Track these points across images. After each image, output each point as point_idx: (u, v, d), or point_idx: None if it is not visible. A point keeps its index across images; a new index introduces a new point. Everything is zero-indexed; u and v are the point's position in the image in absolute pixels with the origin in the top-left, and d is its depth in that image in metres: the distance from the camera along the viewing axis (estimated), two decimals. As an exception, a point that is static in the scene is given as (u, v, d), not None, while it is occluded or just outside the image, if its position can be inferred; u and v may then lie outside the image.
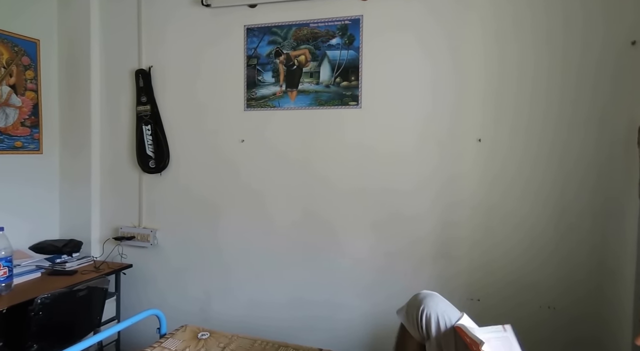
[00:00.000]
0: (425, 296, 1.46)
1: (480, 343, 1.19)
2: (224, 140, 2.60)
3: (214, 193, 2.63)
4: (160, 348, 1.90)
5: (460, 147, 2.19)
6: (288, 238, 2.50)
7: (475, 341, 1.22)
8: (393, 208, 2.31)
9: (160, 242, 2.75)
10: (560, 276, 2.07)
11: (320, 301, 2.44)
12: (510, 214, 2.13)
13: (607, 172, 1.99)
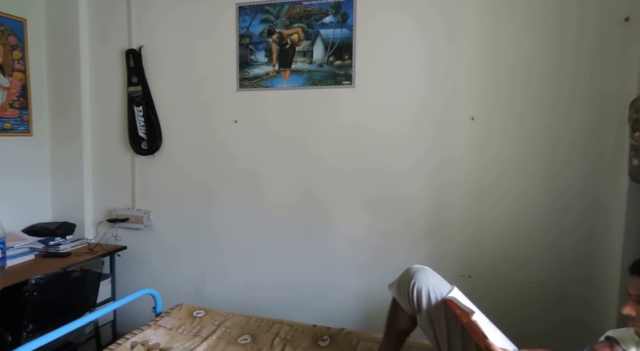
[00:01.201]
0: (417, 271, 1.48)
1: (470, 313, 1.21)
2: (217, 121, 2.58)
3: (207, 175, 2.63)
4: (155, 326, 1.92)
5: (454, 126, 2.19)
6: (283, 218, 2.51)
7: (466, 311, 1.24)
8: (387, 188, 2.31)
9: (154, 224, 2.75)
10: (553, 255, 2.10)
11: (315, 281, 2.47)
12: (504, 193, 2.14)
13: (599, 150, 2.00)
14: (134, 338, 1.80)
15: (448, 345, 1.42)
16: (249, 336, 1.88)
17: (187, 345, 1.79)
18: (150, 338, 1.82)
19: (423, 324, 1.46)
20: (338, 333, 1.90)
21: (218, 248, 2.64)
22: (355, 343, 1.83)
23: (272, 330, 1.93)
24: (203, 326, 1.96)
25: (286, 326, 1.97)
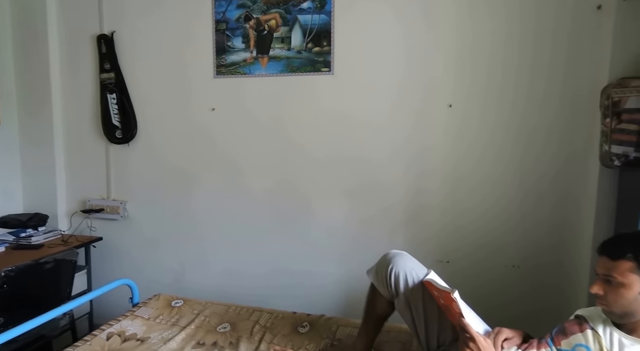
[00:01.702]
0: (394, 256, 1.49)
1: (451, 291, 1.22)
2: (194, 108, 2.53)
3: (185, 164, 2.58)
4: (132, 317, 1.89)
5: (432, 113, 2.20)
6: (262, 206, 2.49)
7: (445, 291, 1.25)
8: (366, 176, 2.32)
9: (131, 214, 2.70)
10: (528, 241, 2.14)
11: (296, 269, 2.47)
12: (481, 181, 2.17)
13: (572, 137, 2.03)
14: (110, 329, 1.77)
15: (425, 328, 1.45)
16: (228, 325, 1.87)
17: (165, 334, 1.77)
18: (127, 328, 1.79)
19: (401, 308, 1.48)
20: (318, 320, 1.91)
21: (197, 238, 2.61)
22: (335, 328, 1.84)
23: (251, 318, 1.93)
24: (182, 315, 1.94)
25: (266, 314, 1.97)
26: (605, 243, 1.17)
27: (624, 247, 1.11)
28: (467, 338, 1.18)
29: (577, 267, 2.00)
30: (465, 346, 1.18)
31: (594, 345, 1.16)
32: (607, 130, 1.71)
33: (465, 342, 1.18)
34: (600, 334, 1.17)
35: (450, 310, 1.28)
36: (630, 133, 1.64)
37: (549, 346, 1.25)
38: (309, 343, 1.73)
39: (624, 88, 1.65)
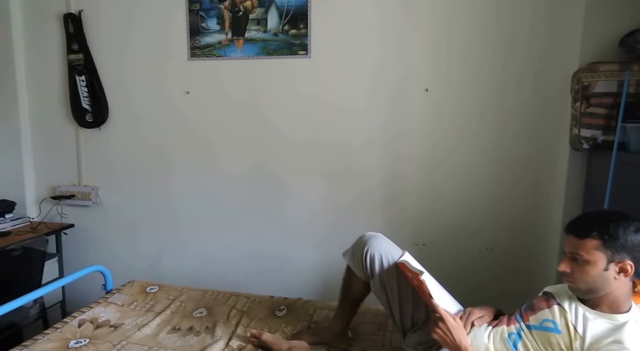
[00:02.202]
0: (370, 238, 1.50)
1: (420, 273, 1.25)
2: (168, 91, 2.47)
3: (159, 149, 2.52)
4: (106, 303, 1.86)
5: (409, 97, 2.20)
6: (239, 191, 2.47)
7: (415, 272, 1.28)
8: (343, 160, 2.32)
9: (103, 200, 2.63)
10: (503, 223, 2.19)
11: (274, 254, 2.47)
12: (457, 165, 2.19)
13: (545, 122, 2.07)
14: (82, 316, 1.73)
15: (399, 308, 1.47)
16: (204, 310, 1.86)
17: (139, 320, 1.75)
18: (100, 315, 1.76)
19: (376, 289, 1.49)
20: (295, 303, 1.92)
21: (173, 223, 2.57)
22: (312, 311, 1.86)
23: (228, 303, 1.92)
24: (157, 301, 1.92)
25: (243, 298, 1.96)
26: (572, 223, 1.20)
27: (589, 225, 1.15)
28: (437, 318, 1.20)
29: (547, 252, 2.06)
30: (434, 326, 1.20)
31: (560, 320, 1.20)
32: (577, 114, 1.75)
33: (435, 322, 1.20)
34: (566, 309, 1.21)
35: (423, 290, 1.30)
36: (598, 117, 1.69)
37: (517, 322, 1.28)
38: (286, 326, 1.74)
39: (593, 73, 1.68)
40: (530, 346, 1.21)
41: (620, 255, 1.11)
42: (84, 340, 1.58)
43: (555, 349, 1.16)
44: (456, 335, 1.17)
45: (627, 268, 1.11)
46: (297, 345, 1.54)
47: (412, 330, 1.46)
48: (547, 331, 1.21)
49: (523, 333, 1.25)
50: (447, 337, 1.18)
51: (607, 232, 1.11)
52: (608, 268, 1.12)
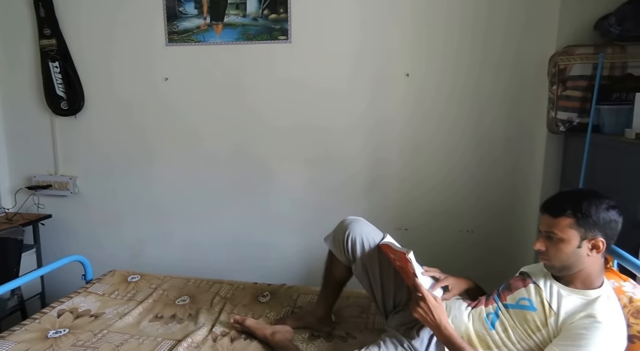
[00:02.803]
0: (351, 222, 1.51)
1: (406, 252, 1.25)
2: (146, 78, 2.42)
3: (138, 136, 2.48)
4: (86, 293, 1.83)
5: (390, 82, 2.20)
6: (221, 178, 2.45)
7: (401, 251, 1.27)
8: (325, 145, 2.31)
9: (82, 190, 2.58)
10: (483, 206, 2.22)
11: (257, 241, 2.46)
12: (437, 149, 2.21)
13: (522, 106, 2.10)
14: (61, 306, 1.70)
15: (381, 290, 1.48)
16: (187, 297, 1.85)
17: (120, 309, 1.73)
18: (80, 305, 1.74)
19: (358, 273, 1.50)
20: (279, 289, 1.92)
21: (154, 212, 2.54)
22: (296, 297, 1.86)
23: (211, 290, 1.91)
24: (138, 290, 1.90)
25: (226, 285, 1.96)
26: (547, 202, 1.23)
27: (564, 204, 1.17)
28: (419, 298, 1.21)
29: (525, 233, 2.10)
30: (416, 305, 1.22)
31: (535, 297, 1.23)
32: (554, 97, 1.77)
33: (417, 301, 1.22)
34: (542, 287, 1.24)
35: (406, 270, 1.31)
36: (574, 100, 1.71)
37: (495, 302, 1.31)
38: (270, 311, 1.75)
39: (569, 56, 1.70)
40: (507, 325, 1.24)
41: (593, 232, 1.14)
42: (63, 330, 1.56)
43: (531, 326, 1.20)
44: (436, 314, 1.19)
45: (599, 244, 1.14)
46: (281, 330, 1.54)
47: (394, 311, 1.48)
48: (523, 309, 1.24)
49: (500, 312, 1.28)
50: (428, 316, 1.20)
51: (580, 210, 1.14)
52: (581, 245, 1.15)
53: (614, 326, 1.09)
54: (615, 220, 1.15)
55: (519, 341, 1.20)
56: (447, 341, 1.19)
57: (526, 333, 1.20)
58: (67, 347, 1.45)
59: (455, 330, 1.22)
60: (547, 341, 1.15)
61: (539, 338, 1.18)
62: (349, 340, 1.55)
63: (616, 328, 1.10)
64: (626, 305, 1.17)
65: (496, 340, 1.23)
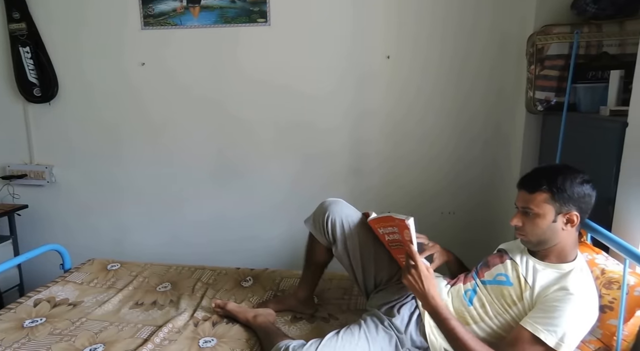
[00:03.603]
0: (330, 203, 1.50)
1: (407, 218, 1.21)
2: (122, 63, 2.36)
3: (116, 123, 2.42)
4: (64, 282, 1.80)
5: (370, 64, 2.18)
6: (203, 166, 2.41)
7: (400, 219, 1.23)
8: (307, 130, 2.29)
9: (59, 179, 2.52)
10: (462, 184, 2.24)
11: (239, 226, 2.45)
12: (415, 127, 2.21)
13: (500, 85, 2.11)
14: (38, 296, 1.67)
15: (362, 271, 1.49)
16: (169, 284, 1.83)
17: (100, 297, 1.71)
18: (58, 294, 1.71)
19: (339, 254, 1.50)
20: (261, 273, 1.92)
21: (135, 201, 2.50)
22: (279, 280, 1.86)
23: (193, 276, 1.90)
24: (118, 278, 1.87)
25: (209, 271, 1.94)
26: (523, 178, 1.24)
27: (539, 180, 1.18)
28: (411, 265, 1.19)
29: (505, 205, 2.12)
30: (407, 272, 1.19)
31: (512, 273, 1.25)
32: (532, 77, 1.78)
33: (408, 268, 1.19)
34: (518, 263, 1.26)
35: (400, 241, 1.28)
36: (551, 79, 1.72)
37: (473, 279, 1.33)
38: (253, 295, 1.74)
39: (546, 36, 1.71)
40: (485, 300, 1.25)
41: (567, 207, 1.15)
42: (39, 319, 1.53)
43: (508, 300, 1.21)
44: (426, 283, 1.16)
45: (574, 218, 1.16)
46: (263, 313, 1.54)
47: (375, 291, 1.48)
48: (500, 284, 1.25)
49: (478, 288, 1.29)
50: (417, 284, 1.17)
51: (555, 185, 1.15)
52: (556, 219, 1.16)
53: (586, 297, 1.12)
54: (589, 194, 1.17)
55: (496, 315, 1.22)
56: (433, 312, 1.17)
57: (503, 308, 1.22)
58: (43, 336, 1.43)
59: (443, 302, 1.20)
60: (523, 315, 1.17)
61: (515, 311, 1.20)
62: (331, 321, 1.56)
63: (588, 299, 1.12)
64: (598, 276, 1.20)
65: (474, 315, 1.25)
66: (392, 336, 1.28)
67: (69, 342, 1.40)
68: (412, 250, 1.20)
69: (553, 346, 1.07)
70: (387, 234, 1.35)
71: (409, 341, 1.27)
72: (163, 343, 1.40)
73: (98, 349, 1.36)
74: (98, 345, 1.38)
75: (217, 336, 1.45)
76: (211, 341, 1.42)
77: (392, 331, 1.28)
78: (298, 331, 1.51)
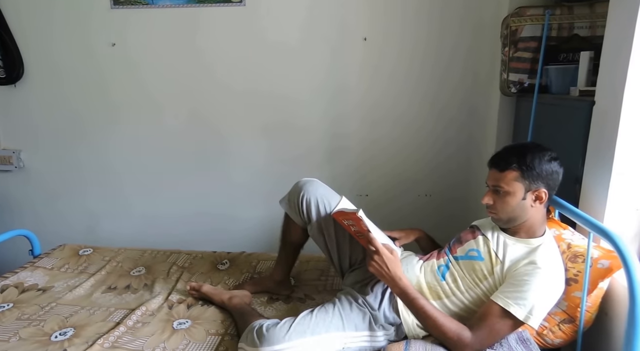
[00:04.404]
0: (305, 183, 1.49)
1: (356, 211, 1.25)
2: (92, 43, 2.28)
3: (86, 105, 2.35)
4: (33, 268, 1.75)
5: (347, 46, 2.16)
6: (177, 149, 2.37)
7: (352, 212, 1.27)
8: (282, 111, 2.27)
9: (27, 164, 2.44)
10: (439, 169, 2.26)
11: (217, 212, 2.42)
12: (391, 108, 2.22)
13: (476, 68, 2.12)
14: (5, 282, 1.62)
15: (337, 250, 1.49)
16: (143, 268, 1.80)
17: (71, 282, 1.67)
18: (26, 279, 1.66)
19: (314, 234, 1.50)
20: (238, 256, 1.91)
21: (107, 184, 2.44)
22: (256, 263, 1.86)
23: (168, 260, 1.87)
24: (90, 263, 1.83)
25: (184, 255, 1.92)
26: (494, 157, 1.26)
27: (509, 158, 1.20)
28: (373, 252, 1.22)
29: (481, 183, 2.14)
30: (371, 259, 1.23)
31: (483, 248, 1.27)
32: (506, 59, 1.80)
33: (371, 255, 1.22)
34: (489, 238, 1.28)
35: (361, 231, 1.31)
36: (525, 61, 1.74)
37: (446, 255, 1.35)
38: (229, 278, 1.73)
39: (520, 17, 1.72)
40: (457, 275, 1.28)
41: (536, 184, 1.18)
42: (7, 304, 1.49)
43: (479, 275, 1.24)
44: (391, 267, 1.19)
45: (542, 195, 1.18)
46: (239, 294, 1.54)
47: (349, 270, 1.49)
48: (471, 259, 1.28)
49: (451, 264, 1.31)
50: (383, 269, 1.20)
51: (524, 163, 1.17)
52: (525, 197, 1.19)
53: (553, 271, 1.15)
54: (556, 171, 1.19)
55: (467, 290, 1.25)
56: (402, 293, 1.20)
57: (474, 282, 1.24)
58: (10, 321, 1.39)
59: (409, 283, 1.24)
60: (493, 289, 1.20)
61: (486, 286, 1.22)
62: (307, 301, 1.56)
63: (555, 272, 1.15)
64: (565, 251, 1.23)
65: (446, 289, 1.27)
66: (366, 313, 1.29)
67: (38, 327, 1.36)
68: (370, 238, 1.22)
69: (522, 319, 1.10)
70: (351, 226, 1.35)
71: (382, 318, 1.28)
72: (136, 325, 1.38)
73: (68, 333, 1.33)
74: (68, 329, 1.35)
75: (192, 318, 1.44)
76: (185, 323, 1.41)
77: (366, 308, 1.30)
78: (274, 311, 1.51)
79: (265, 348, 1.17)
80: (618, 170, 1.18)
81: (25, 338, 1.31)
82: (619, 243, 0.98)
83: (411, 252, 1.44)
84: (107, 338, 1.29)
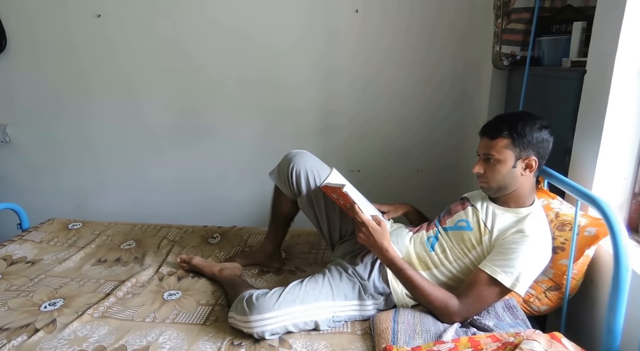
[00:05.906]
0: (295, 155, 1.48)
1: (342, 186, 1.25)
2: (76, 15, 2.21)
3: (72, 78, 2.30)
4: (21, 241, 1.74)
5: (339, 18, 2.12)
6: (167, 122, 2.35)
7: (338, 187, 1.26)
8: (274, 87, 2.24)
9: (13, 139, 2.40)
10: (430, 143, 2.27)
11: (206, 187, 2.41)
12: (385, 85, 2.20)
13: (469, 40, 2.10)
14: (-7, 255, 1.61)
15: (327, 222, 1.49)
16: (133, 242, 1.80)
17: (60, 255, 1.66)
18: (15, 252, 1.65)
19: (304, 206, 1.50)
20: (229, 230, 1.90)
21: (96, 159, 2.41)
22: (247, 237, 1.86)
23: (159, 234, 1.87)
24: (80, 237, 1.82)
25: (175, 229, 1.92)
26: (485, 126, 1.25)
27: (501, 126, 1.20)
28: (360, 224, 1.22)
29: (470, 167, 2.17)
30: (359, 231, 1.23)
31: (472, 218, 1.28)
32: (499, 31, 1.77)
33: (359, 227, 1.23)
34: (478, 208, 1.29)
35: (348, 202, 1.31)
36: (517, 33, 1.72)
37: (436, 226, 1.36)
38: (220, 251, 1.73)
39: (514, -12, 1.69)
40: (446, 246, 1.28)
41: (527, 152, 1.18)
42: (-5, 276, 1.48)
43: (467, 245, 1.25)
44: (378, 237, 1.21)
45: (532, 163, 1.18)
46: (229, 266, 1.54)
47: (340, 242, 1.50)
48: (460, 229, 1.28)
49: (440, 235, 1.32)
50: (370, 240, 1.21)
51: (516, 131, 1.17)
52: (516, 165, 1.19)
53: (540, 239, 1.16)
54: (546, 140, 1.19)
55: (456, 260, 1.26)
56: (390, 263, 1.22)
57: (462, 252, 1.25)
58: (-1, 292, 1.38)
59: (397, 253, 1.25)
60: (482, 258, 1.21)
61: (474, 255, 1.23)
62: (297, 273, 1.57)
63: (542, 240, 1.16)
64: (552, 220, 1.24)
65: (435, 260, 1.28)
66: (356, 283, 1.30)
67: (27, 297, 1.36)
68: (356, 210, 1.22)
69: (509, 286, 1.11)
70: (339, 199, 1.35)
71: (372, 288, 1.29)
72: (126, 296, 1.38)
73: (58, 303, 1.33)
74: (57, 300, 1.35)
75: (182, 290, 1.44)
76: (176, 294, 1.41)
77: (356, 278, 1.31)
78: (265, 283, 1.51)
79: (254, 316, 1.17)
80: (607, 139, 1.18)
81: (15, 308, 1.30)
82: (606, 209, 0.99)
83: (402, 224, 1.44)
84: (97, 309, 1.30)
